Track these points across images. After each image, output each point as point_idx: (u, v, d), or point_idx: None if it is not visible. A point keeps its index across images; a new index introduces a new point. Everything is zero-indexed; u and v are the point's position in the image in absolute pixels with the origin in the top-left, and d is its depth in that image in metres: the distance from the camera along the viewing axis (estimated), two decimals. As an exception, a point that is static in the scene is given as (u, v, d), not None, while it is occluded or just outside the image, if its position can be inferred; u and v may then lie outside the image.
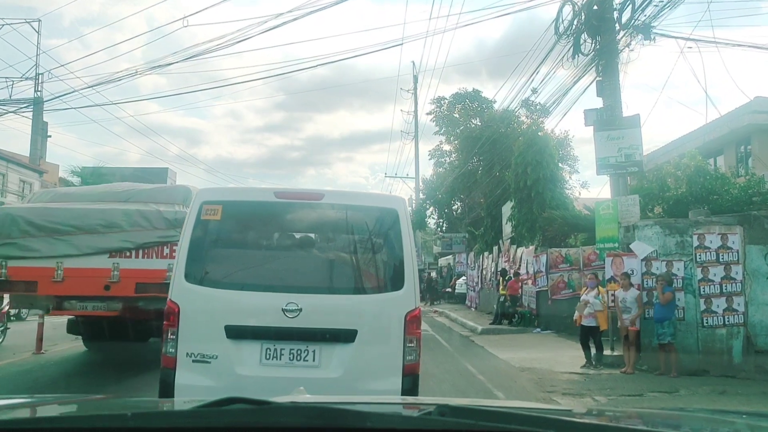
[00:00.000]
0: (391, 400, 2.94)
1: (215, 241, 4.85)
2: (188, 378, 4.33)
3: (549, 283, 16.04)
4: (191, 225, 4.65)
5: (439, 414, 1.48)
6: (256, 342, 4.43)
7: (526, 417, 1.52)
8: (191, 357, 4.38)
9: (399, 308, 4.54)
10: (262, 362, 4.40)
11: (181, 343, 4.39)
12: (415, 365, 4.52)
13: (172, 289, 4.58)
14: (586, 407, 6.13)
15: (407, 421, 1.55)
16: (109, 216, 8.31)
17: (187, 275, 4.55)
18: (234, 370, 4.36)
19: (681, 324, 9.85)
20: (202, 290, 4.56)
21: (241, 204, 4.94)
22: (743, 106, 19.81)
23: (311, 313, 4.44)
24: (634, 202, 10.71)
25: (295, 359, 4.41)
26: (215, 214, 4.68)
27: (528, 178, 19.06)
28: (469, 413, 1.51)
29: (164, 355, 4.45)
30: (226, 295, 4.58)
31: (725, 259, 9.83)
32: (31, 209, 8.61)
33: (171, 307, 4.47)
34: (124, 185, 10.00)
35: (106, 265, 8.15)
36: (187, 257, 4.58)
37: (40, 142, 31.42)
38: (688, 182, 14.47)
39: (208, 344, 4.42)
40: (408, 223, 4.82)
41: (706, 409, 3.93)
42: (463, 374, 9.90)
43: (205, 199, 4.77)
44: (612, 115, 11.26)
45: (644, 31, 10.61)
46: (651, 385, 8.83)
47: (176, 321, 4.42)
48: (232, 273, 4.76)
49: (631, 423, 2.01)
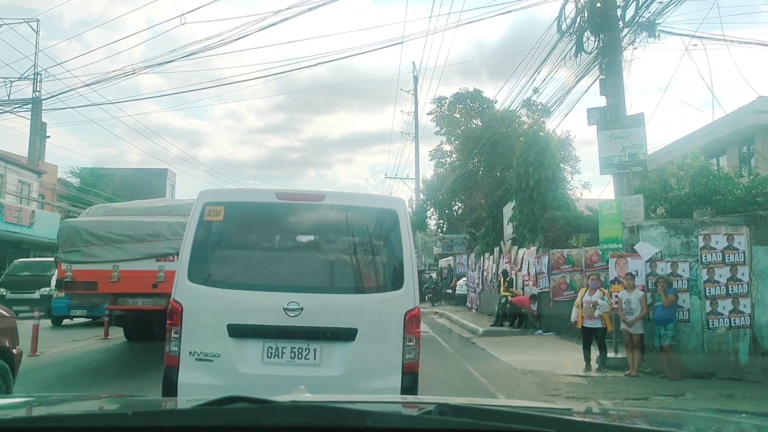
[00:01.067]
0: (391, 399, 2.93)
1: (218, 242, 4.91)
2: (191, 376, 4.38)
3: (551, 284, 15.88)
4: (194, 226, 4.71)
5: (439, 413, 1.48)
6: (258, 340, 4.49)
7: (527, 416, 1.50)
8: (194, 355, 4.43)
9: (399, 307, 4.60)
10: (263, 360, 4.45)
11: (184, 341, 4.45)
12: (415, 364, 4.58)
13: (175, 288, 4.63)
14: (587, 406, 6.04)
15: (407, 420, 1.54)
16: (156, 227, 9.72)
17: (191, 275, 4.60)
18: (236, 369, 4.42)
19: (686, 326, 9.69)
20: (205, 290, 4.61)
21: (243, 205, 5.03)
22: (746, 106, 19.66)
23: (312, 312, 4.49)
24: (638, 202, 10.54)
25: (297, 357, 4.47)
26: (218, 215, 4.74)
27: (530, 179, 18.88)
28: (469, 412, 1.51)
29: (167, 353, 4.49)
30: (229, 294, 4.63)
31: (731, 260, 9.66)
32: (90, 222, 10.24)
33: (174, 307, 4.53)
34: (166, 201, 12.67)
35: (153, 268, 9.51)
36: (190, 257, 4.63)
37: (38, 142, 31.25)
38: (691, 182, 14.33)
39: (210, 343, 4.48)
40: (407, 223, 4.87)
41: (709, 409, 3.90)
42: (465, 377, 9.74)
43: (208, 200, 4.81)
44: (615, 114, 11.09)
45: (649, 28, 10.44)
46: (656, 388, 8.67)
47: (179, 320, 4.48)
48: (234, 273, 4.82)
49: (633, 422, 1.98)
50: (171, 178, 50.83)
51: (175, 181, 52.09)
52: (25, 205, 28.72)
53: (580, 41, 11.71)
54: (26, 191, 30.52)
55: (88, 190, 35.11)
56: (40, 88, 28.56)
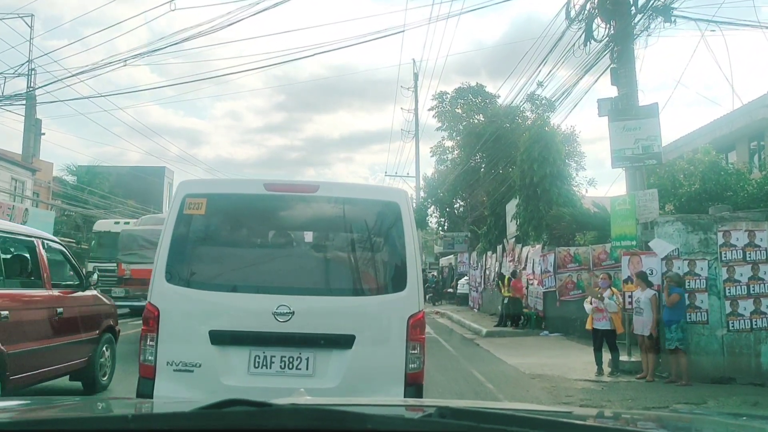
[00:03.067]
0: (392, 402, 2.85)
1: (199, 239, 4.47)
2: (169, 388, 3.97)
3: (557, 283, 15.35)
4: (172, 221, 4.26)
5: (439, 416, 1.47)
6: (244, 348, 4.08)
7: (528, 419, 1.49)
8: (172, 365, 4.02)
9: (401, 311, 4.16)
10: (250, 371, 4.05)
11: (161, 350, 4.04)
12: (419, 374, 4.12)
13: (151, 291, 4.20)
14: (590, 409, 6.03)
15: (408, 423, 1.55)
16: None
17: (168, 276, 4.17)
18: (219, 380, 4.00)
19: (704, 328, 9.15)
20: (185, 292, 4.19)
21: (228, 197, 4.57)
22: (757, 100, 19.08)
23: (305, 317, 4.07)
24: (652, 197, 10.00)
25: (287, 367, 4.05)
26: (199, 209, 4.29)
27: (534, 175, 18.34)
28: (470, 415, 1.50)
29: (142, 363, 4.08)
30: (211, 297, 4.21)
31: (752, 257, 9.12)
32: (144, 230, 12.89)
33: (150, 311, 4.11)
34: None
35: None
36: (168, 256, 4.19)
37: (32, 139, 30.64)
38: (702, 178, 13.84)
39: (190, 351, 4.07)
40: (411, 217, 4.39)
41: (724, 413, 3.60)
42: (470, 382, 9.21)
43: (188, 191, 4.35)
44: (628, 105, 10.53)
45: (664, 12, 9.88)
46: (676, 395, 8.12)
47: (156, 326, 4.06)
48: (217, 273, 4.42)
49: (639, 426, 1.92)
50: (169, 177, 50.37)
51: (173, 179, 51.61)
52: (19, 202, 28.18)
53: (589, 28, 11.16)
54: (20, 189, 29.96)
55: (83, 188, 34.58)
56: (34, 83, 27.97)
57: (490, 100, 29.49)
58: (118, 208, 35.33)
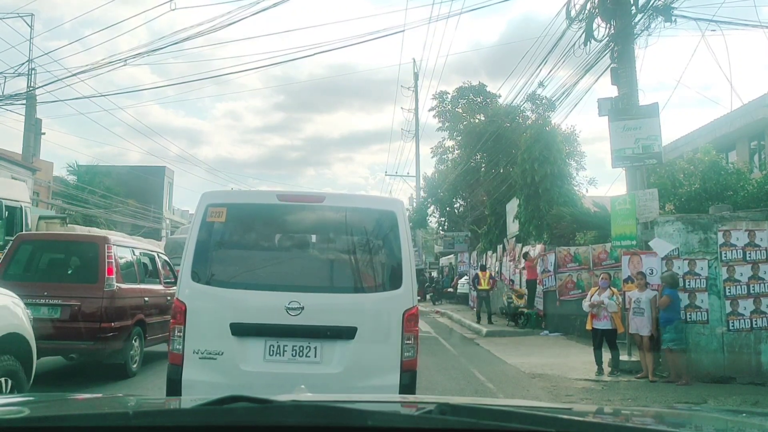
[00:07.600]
0: (392, 398, 2.92)
1: (220, 243, 5.04)
2: (195, 374, 4.50)
3: (557, 283, 15.34)
4: (197, 227, 4.83)
5: (440, 412, 1.48)
6: (260, 339, 4.61)
7: (527, 415, 1.49)
8: (198, 354, 4.56)
9: (397, 306, 4.69)
10: (265, 358, 4.58)
11: (188, 340, 4.57)
12: (413, 361, 4.69)
13: (179, 288, 4.76)
14: (589, 406, 6.15)
15: (408, 419, 1.55)
16: None
17: (194, 275, 4.72)
18: (239, 366, 4.54)
19: (704, 327, 9.15)
20: (208, 290, 4.74)
21: (245, 206, 5.18)
22: (757, 100, 19.08)
23: (313, 311, 4.59)
24: (652, 197, 9.99)
25: (298, 355, 4.59)
26: (220, 217, 4.86)
27: (535, 174, 18.33)
28: (470, 412, 1.50)
29: (171, 352, 4.64)
30: (231, 294, 4.76)
31: (753, 257, 9.13)
32: (185, 238, 14.39)
33: (178, 306, 4.66)
34: None
35: None
36: (193, 258, 4.75)
37: (32, 139, 30.62)
38: (702, 178, 13.84)
39: (214, 341, 4.60)
40: (406, 224, 4.97)
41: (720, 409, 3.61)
42: (470, 381, 9.21)
43: (210, 201, 4.91)
44: (628, 104, 10.52)
45: (664, 12, 9.88)
46: (676, 394, 8.14)
47: (183, 319, 4.60)
48: (236, 273, 4.96)
49: (639, 423, 1.93)
50: (169, 176, 50.37)
51: (173, 179, 51.64)
52: (19, 202, 28.14)
53: (590, 28, 11.15)
54: (20, 188, 29.94)
55: (83, 188, 34.58)
56: (34, 83, 27.96)
57: (491, 99, 29.47)
58: (118, 207, 35.34)
